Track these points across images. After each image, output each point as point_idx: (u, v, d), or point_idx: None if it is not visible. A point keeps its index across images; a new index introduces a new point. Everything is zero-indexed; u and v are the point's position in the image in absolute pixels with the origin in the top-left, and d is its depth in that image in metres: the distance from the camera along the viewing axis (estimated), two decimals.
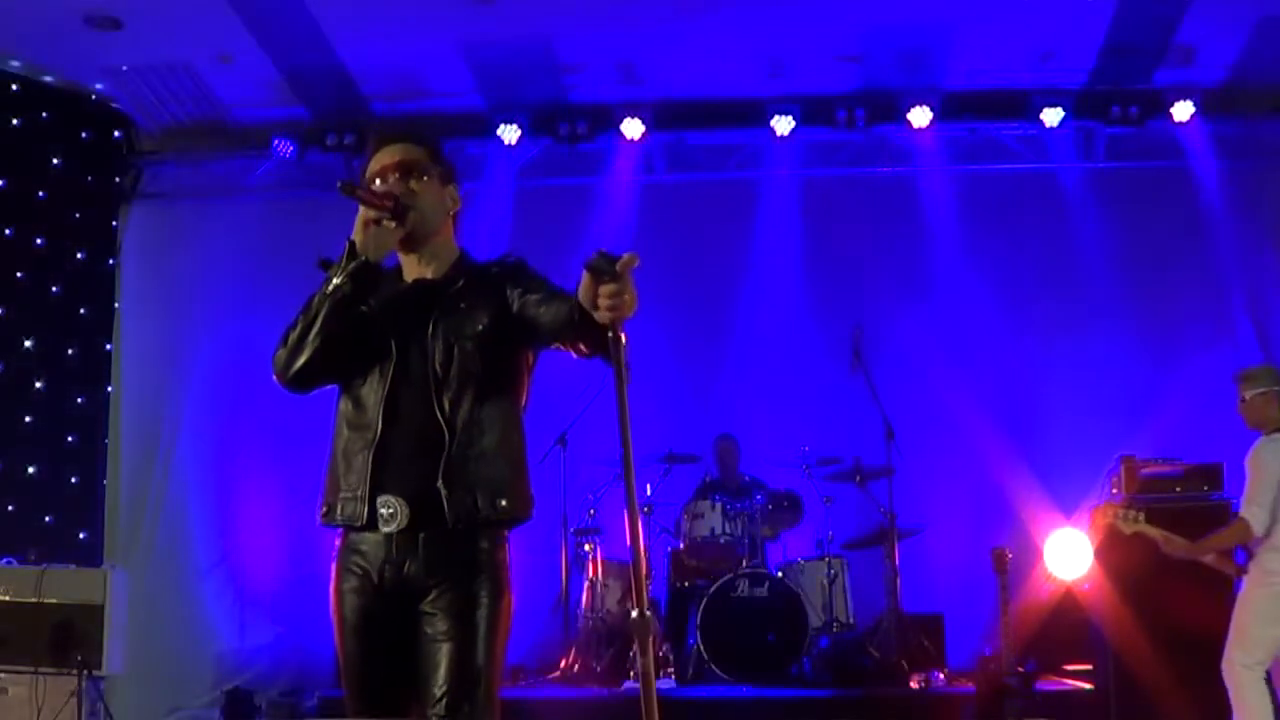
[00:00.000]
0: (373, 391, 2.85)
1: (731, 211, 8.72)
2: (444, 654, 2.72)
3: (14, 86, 8.04)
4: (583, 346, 2.68)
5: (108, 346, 8.48)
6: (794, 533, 7.73)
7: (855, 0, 7.52)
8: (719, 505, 7.29)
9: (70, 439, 8.14)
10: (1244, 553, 5.49)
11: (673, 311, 8.48)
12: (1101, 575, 6.56)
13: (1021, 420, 8.26)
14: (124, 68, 8.08)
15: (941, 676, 6.85)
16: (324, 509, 2.91)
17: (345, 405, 2.92)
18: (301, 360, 2.84)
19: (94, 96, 8.49)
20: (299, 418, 8.47)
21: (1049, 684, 6.78)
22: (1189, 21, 7.61)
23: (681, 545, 7.34)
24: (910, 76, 8.28)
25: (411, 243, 2.93)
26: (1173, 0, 7.45)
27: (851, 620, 7.33)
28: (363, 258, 2.83)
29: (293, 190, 8.93)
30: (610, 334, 2.42)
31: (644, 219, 8.78)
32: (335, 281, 2.82)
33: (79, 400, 8.22)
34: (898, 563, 7.22)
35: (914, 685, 6.77)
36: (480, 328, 2.85)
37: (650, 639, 2.32)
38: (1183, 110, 8.19)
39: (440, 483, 2.75)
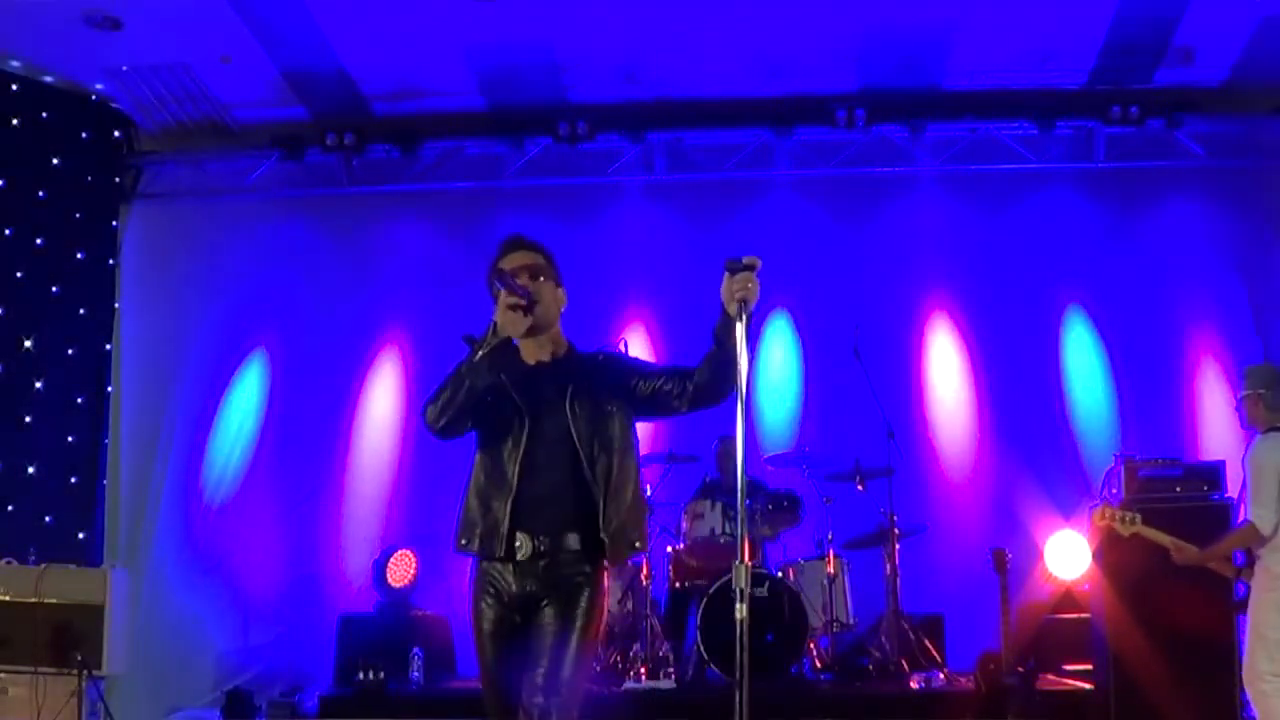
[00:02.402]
0: (508, 449, 3.45)
1: (731, 211, 8.72)
2: (547, 641, 3.34)
3: (14, 86, 8.04)
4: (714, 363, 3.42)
5: (108, 346, 8.48)
6: (794, 533, 7.72)
7: (855, 0, 7.52)
8: (719, 505, 7.27)
9: (70, 439, 8.13)
10: (1243, 554, 5.48)
11: (671, 311, 8.50)
12: (1101, 576, 6.56)
13: (1021, 421, 8.25)
14: (124, 68, 8.09)
15: (941, 676, 6.85)
16: (462, 540, 3.50)
17: (483, 458, 3.51)
18: (450, 415, 3.41)
19: (94, 96, 8.49)
20: (299, 417, 8.56)
21: (1049, 684, 6.78)
22: (1189, 21, 7.61)
23: (682, 545, 7.34)
24: (910, 76, 8.27)
25: (533, 330, 3.49)
26: (1173, 0, 7.45)
27: (851, 620, 7.32)
28: (504, 335, 3.39)
29: (293, 190, 8.94)
30: (741, 314, 3.17)
31: (644, 219, 8.79)
32: (481, 353, 3.37)
33: (79, 400, 8.22)
34: (898, 563, 7.22)
35: (914, 685, 6.77)
36: (611, 408, 3.52)
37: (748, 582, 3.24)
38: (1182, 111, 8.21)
39: (603, 534, 3.42)
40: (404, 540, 7.85)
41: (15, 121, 8.03)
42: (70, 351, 8.17)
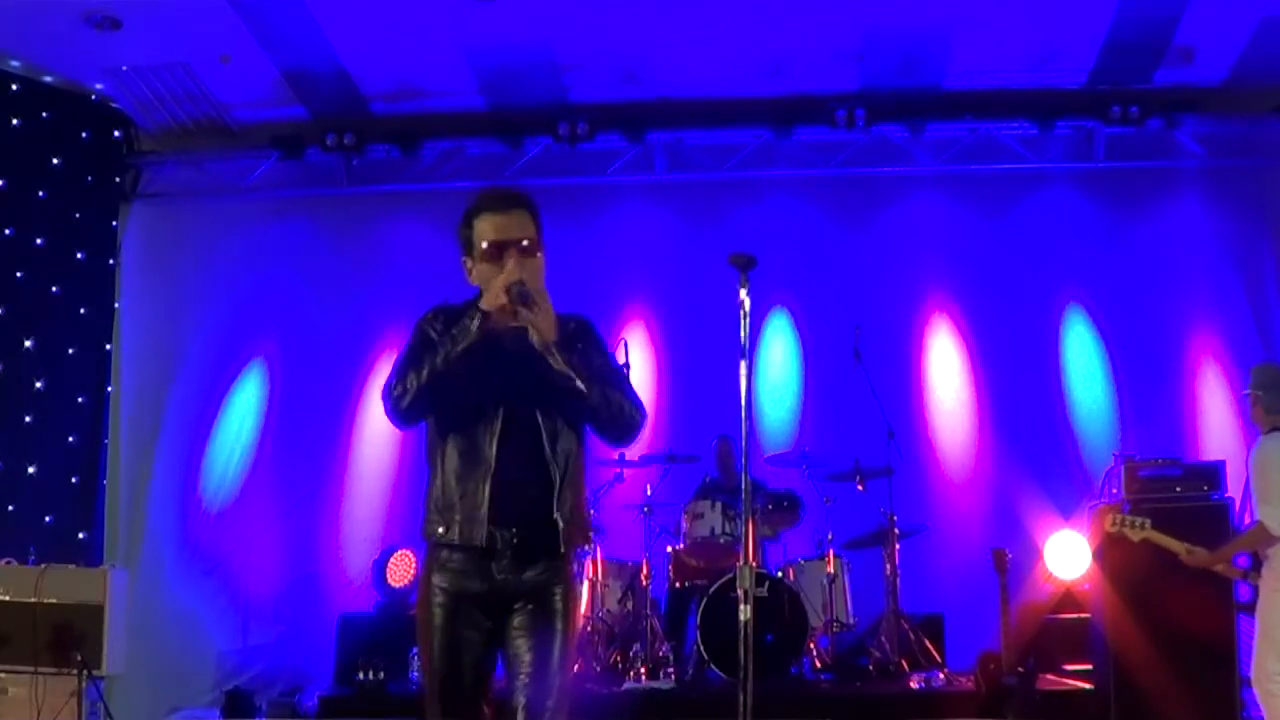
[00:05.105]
0: (484, 429, 3.16)
1: (731, 211, 8.72)
2: (527, 663, 3.13)
3: (14, 86, 8.03)
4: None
5: (108, 346, 8.48)
6: (794, 533, 7.72)
7: (855, 0, 7.52)
8: (719, 505, 7.27)
9: (70, 439, 8.12)
10: (1249, 556, 5.47)
11: (671, 311, 8.50)
12: (1101, 576, 6.57)
13: (1021, 421, 8.26)
14: (124, 68, 8.08)
15: (941, 676, 6.85)
16: (439, 529, 3.19)
17: (455, 439, 3.19)
18: (422, 392, 3.14)
19: (94, 96, 8.49)
20: (299, 417, 8.56)
21: (1049, 684, 6.78)
22: (1189, 21, 7.61)
23: (681, 545, 7.34)
24: (910, 76, 8.27)
25: None
26: (1173, 0, 7.46)
27: (851, 620, 7.33)
28: (484, 330, 3.13)
29: (292, 190, 8.94)
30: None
31: (644, 219, 8.79)
32: (462, 345, 3.11)
33: (79, 400, 8.21)
34: (898, 563, 7.22)
35: (914, 685, 6.77)
36: None
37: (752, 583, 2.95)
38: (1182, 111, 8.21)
39: (556, 515, 3.17)
40: (404, 540, 7.84)
41: (15, 121, 8.02)
42: (70, 351, 8.16)
